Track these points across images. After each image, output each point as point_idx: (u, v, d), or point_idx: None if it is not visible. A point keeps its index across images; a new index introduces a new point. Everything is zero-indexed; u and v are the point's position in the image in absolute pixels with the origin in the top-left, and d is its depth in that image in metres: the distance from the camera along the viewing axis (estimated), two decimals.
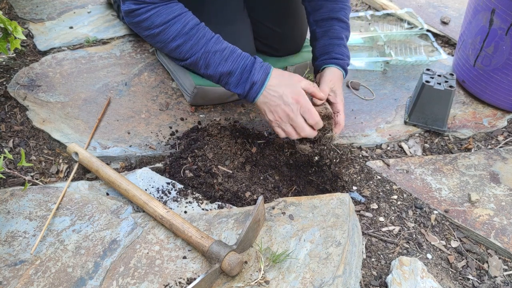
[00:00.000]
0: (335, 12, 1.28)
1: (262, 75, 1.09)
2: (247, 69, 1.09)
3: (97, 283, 0.95)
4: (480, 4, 1.48)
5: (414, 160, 1.37)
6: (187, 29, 1.07)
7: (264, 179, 1.24)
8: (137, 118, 1.42)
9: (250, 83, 1.09)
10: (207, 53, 1.08)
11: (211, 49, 1.08)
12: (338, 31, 1.28)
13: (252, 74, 1.08)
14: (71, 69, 1.60)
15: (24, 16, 1.88)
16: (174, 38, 1.07)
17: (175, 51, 1.10)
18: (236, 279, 0.96)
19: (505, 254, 1.13)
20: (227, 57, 1.08)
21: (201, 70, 1.11)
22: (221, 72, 1.10)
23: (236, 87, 1.11)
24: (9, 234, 1.04)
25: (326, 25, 1.29)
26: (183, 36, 1.07)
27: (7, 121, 1.37)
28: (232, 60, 1.09)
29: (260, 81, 1.08)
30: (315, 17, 1.31)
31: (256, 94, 1.10)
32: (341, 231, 1.06)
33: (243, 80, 1.09)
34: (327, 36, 1.28)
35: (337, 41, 1.27)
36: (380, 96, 1.62)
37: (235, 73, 1.09)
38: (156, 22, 1.06)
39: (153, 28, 1.07)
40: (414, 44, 1.89)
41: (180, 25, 1.06)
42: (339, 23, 1.29)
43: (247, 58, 1.10)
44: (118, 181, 1.12)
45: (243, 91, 1.11)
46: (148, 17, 1.06)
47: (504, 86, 1.50)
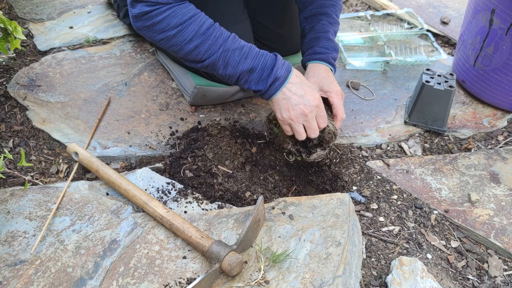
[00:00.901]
0: (324, 7, 1.29)
1: (285, 71, 1.08)
2: (268, 66, 1.07)
3: (97, 283, 0.95)
4: (480, 4, 1.48)
5: (414, 160, 1.37)
6: (204, 29, 1.04)
7: (264, 179, 1.24)
8: (137, 118, 1.42)
9: (273, 78, 1.07)
10: (226, 52, 1.06)
11: (230, 47, 1.06)
12: (325, 25, 1.27)
13: (276, 70, 1.07)
14: (71, 69, 1.60)
15: (24, 16, 1.88)
16: (191, 39, 1.04)
17: (192, 52, 1.06)
18: (236, 279, 0.96)
19: (505, 254, 1.13)
20: (247, 54, 1.07)
21: (220, 70, 1.09)
22: (241, 70, 1.07)
23: (257, 84, 1.09)
24: (9, 234, 1.04)
25: (313, 21, 1.29)
26: (201, 37, 1.04)
27: (7, 121, 1.37)
28: (252, 57, 1.07)
29: (283, 77, 1.08)
30: (305, 13, 1.32)
31: (277, 90, 1.09)
32: (341, 231, 1.06)
33: (264, 76, 1.08)
34: (313, 30, 1.28)
35: (321, 34, 1.26)
36: (380, 96, 1.62)
37: (256, 70, 1.07)
38: (172, 23, 1.02)
39: (168, 30, 1.03)
40: (414, 44, 1.89)
41: (196, 26, 1.04)
42: (327, 18, 1.28)
43: (267, 55, 1.09)
44: (118, 181, 1.12)
45: (264, 87, 1.09)
46: (164, 18, 1.02)
47: (504, 86, 1.50)
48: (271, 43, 1.54)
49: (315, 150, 1.19)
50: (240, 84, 1.12)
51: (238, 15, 1.38)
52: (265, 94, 1.11)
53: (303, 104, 1.08)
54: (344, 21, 2.03)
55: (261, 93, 1.11)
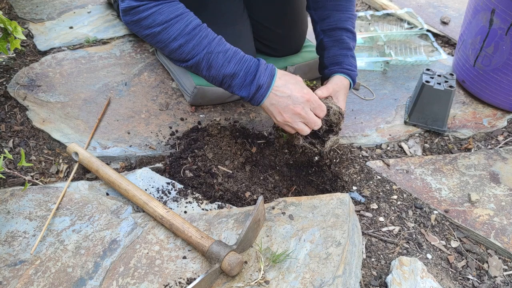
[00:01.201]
0: (342, 22, 1.29)
1: (267, 77, 1.07)
2: (251, 72, 1.07)
3: (97, 283, 0.95)
4: (480, 4, 1.48)
5: (414, 160, 1.37)
6: (189, 29, 1.04)
7: (264, 179, 1.24)
8: (137, 118, 1.42)
9: (256, 86, 1.06)
10: (209, 54, 1.05)
11: (214, 50, 1.05)
12: (347, 41, 1.29)
13: (258, 77, 1.06)
14: (71, 69, 1.60)
15: (24, 16, 1.88)
16: (175, 38, 1.04)
17: (177, 51, 1.06)
18: (236, 279, 0.96)
19: (505, 254, 1.13)
20: (230, 58, 1.06)
21: (203, 71, 1.08)
22: (224, 74, 1.07)
23: (240, 89, 1.09)
24: (9, 234, 1.04)
25: (334, 35, 1.29)
26: (185, 36, 1.04)
27: (7, 121, 1.37)
28: (236, 62, 1.06)
29: (266, 83, 1.07)
30: (323, 26, 1.31)
31: (263, 97, 1.08)
32: (341, 231, 1.06)
33: (247, 82, 1.07)
34: (337, 46, 1.28)
35: (347, 51, 1.28)
36: (380, 96, 1.62)
37: (238, 75, 1.07)
38: (158, 20, 1.02)
39: (154, 26, 1.03)
40: (414, 44, 1.89)
41: (182, 24, 1.04)
42: (347, 33, 1.29)
43: (250, 60, 1.08)
44: (118, 181, 1.12)
45: (248, 94, 1.08)
46: (150, 15, 1.02)
47: (504, 86, 1.50)
48: (271, 43, 1.54)
49: (327, 137, 1.18)
50: (224, 88, 1.11)
51: (238, 15, 1.38)
52: (251, 101, 1.10)
53: (292, 105, 1.07)
54: None
55: (247, 99, 1.10)
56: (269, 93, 1.08)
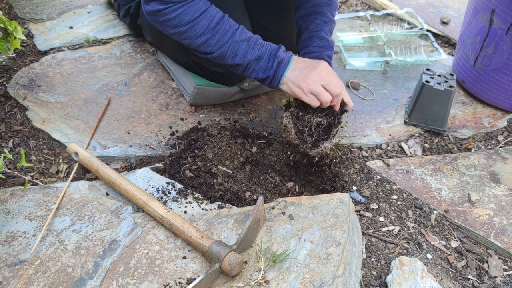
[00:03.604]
0: (319, 6, 1.32)
1: (287, 55, 1.16)
2: (273, 53, 1.14)
3: (97, 283, 0.95)
4: (480, 4, 1.48)
5: (414, 160, 1.37)
6: (214, 24, 1.10)
7: (264, 179, 1.24)
8: (137, 118, 1.42)
9: (277, 62, 1.14)
10: (234, 43, 1.12)
11: (238, 39, 1.13)
12: (319, 24, 1.30)
13: (279, 55, 1.14)
14: (71, 69, 1.60)
15: (24, 16, 1.88)
16: (202, 34, 1.11)
17: (203, 45, 1.13)
18: (236, 279, 0.96)
19: (505, 254, 1.13)
20: (254, 44, 1.14)
21: (229, 60, 1.15)
22: (249, 59, 1.14)
23: (264, 71, 1.16)
24: (9, 234, 1.04)
25: (308, 20, 1.32)
26: (211, 31, 1.11)
27: (7, 121, 1.37)
28: (259, 47, 1.14)
29: (286, 58, 1.15)
30: (300, 12, 1.35)
31: (284, 70, 1.15)
32: (341, 231, 1.06)
33: (270, 64, 1.15)
34: (308, 30, 1.31)
35: (315, 33, 1.29)
36: (380, 96, 1.62)
37: (263, 57, 1.14)
38: (185, 20, 1.08)
39: (181, 26, 1.09)
40: (414, 44, 1.89)
41: (207, 21, 1.10)
42: (322, 17, 1.32)
43: (271, 45, 1.16)
44: (118, 181, 1.12)
45: (271, 73, 1.15)
46: (176, 16, 1.08)
47: (504, 86, 1.50)
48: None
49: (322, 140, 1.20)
50: (247, 73, 1.17)
51: (238, 16, 1.38)
52: (273, 79, 1.16)
53: (314, 69, 1.13)
54: (344, 21, 2.03)
55: (270, 79, 1.16)
56: (289, 66, 1.15)
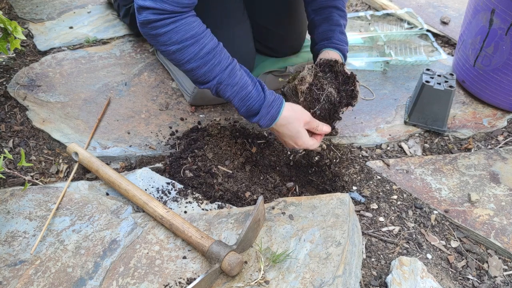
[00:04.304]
0: (332, 0, 1.31)
1: (268, 121, 1.11)
2: (252, 110, 1.10)
3: (97, 283, 0.95)
4: (480, 4, 1.48)
5: (414, 160, 1.37)
6: (203, 53, 1.05)
7: (264, 179, 1.24)
8: (137, 118, 1.42)
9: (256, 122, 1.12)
10: (219, 84, 1.08)
11: (223, 82, 1.08)
12: (337, 18, 1.30)
13: (258, 119, 1.10)
14: (71, 69, 1.60)
15: (24, 16, 1.88)
16: (189, 61, 1.05)
17: (190, 73, 1.09)
18: (236, 279, 0.96)
19: (505, 254, 1.12)
20: (236, 94, 1.09)
21: (214, 94, 1.13)
22: (232, 103, 1.12)
23: (247, 118, 1.14)
24: (9, 234, 1.04)
25: (324, 13, 1.31)
26: (199, 60, 1.05)
27: (7, 121, 1.37)
28: (240, 99, 1.09)
29: (265, 126, 1.12)
30: (313, 6, 1.33)
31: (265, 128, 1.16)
32: (341, 231, 1.06)
33: (249, 116, 1.12)
34: (327, 22, 1.30)
35: (336, 27, 1.29)
36: (380, 96, 1.62)
37: (241, 110, 1.11)
38: (173, 38, 1.02)
39: (169, 44, 1.03)
40: (414, 44, 1.89)
41: (197, 48, 1.04)
42: (337, 11, 1.31)
43: (254, 100, 1.09)
44: (118, 181, 1.12)
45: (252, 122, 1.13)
46: (166, 32, 1.01)
47: (504, 86, 1.50)
48: (271, 44, 1.54)
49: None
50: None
51: (238, 16, 1.38)
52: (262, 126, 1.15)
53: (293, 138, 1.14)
54: None
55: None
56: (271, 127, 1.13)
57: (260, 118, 1.10)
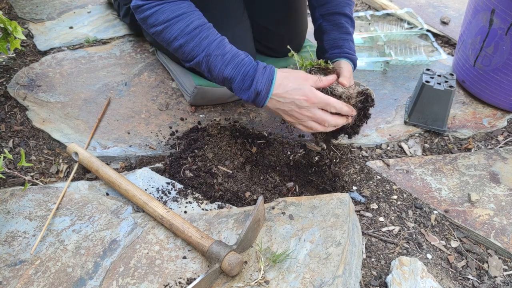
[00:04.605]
0: (341, 7, 1.31)
1: (266, 83, 1.05)
2: (248, 76, 1.05)
3: (97, 283, 0.95)
4: (480, 4, 1.48)
5: (414, 160, 1.37)
6: (190, 29, 1.05)
7: (264, 179, 1.24)
8: (137, 118, 1.42)
9: (254, 92, 1.06)
10: (208, 56, 1.05)
11: (213, 53, 1.05)
12: (346, 26, 1.30)
13: (256, 83, 1.05)
14: (71, 69, 1.60)
15: (24, 16, 1.88)
16: (176, 37, 1.06)
17: (178, 51, 1.08)
18: (236, 279, 0.96)
19: (505, 254, 1.13)
20: (228, 62, 1.06)
21: (205, 73, 1.10)
22: (223, 77, 1.07)
23: (240, 93, 1.08)
24: (9, 234, 1.04)
25: (333, 20, 1.30)
26: (185, 36, 1.05)
27: (7, 121, 1.37)
28: (233, 66, 1.05)
29: (264, 90, 1.05)
30: (321, 11, 1.32)
31: (263, 102, 1.07)
32: (341, 231, 1.06)
33: (245, 86, 1.06)
34: (337, 30, 1.29)
35: (346, 36, 1.29)
36: (380, 96, 1.62)
37: (236, 80, 1.06)
38: (160, 18, 1.05)
39: (157, 25, 1.07)
40: (414, 44, 1.89)
41: (183, 24, 1.05)
42: (345, 18, 1.31)
43: (248, 65, 1.06)
44: (118, 181, 1.12)
45: (248, 98, 1.08)
46: (153, 14, 1.06)
47: (504, 86, 1.50)
48: (271, 44, 1.54)
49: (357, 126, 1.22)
50: (227, 88, 1.12)
51: (238, 16, 1.38)
52: (254, 103, 1.09)
53: (297, 108, 1.06)
54: None
55: (248, 102, 1.10)
56: (269, 98, 1.07)
57: (257, 81, 1.04)
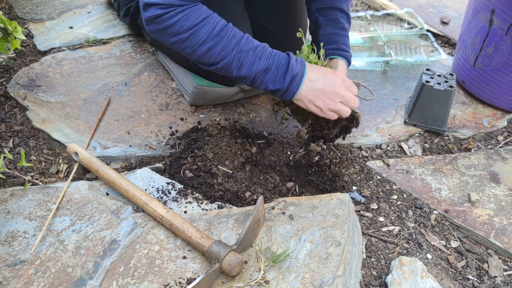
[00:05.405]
0: (338, 2, 1.31)
1: (300, 66, 1.09)
2: (282, 64, 1.08)
3: (97, 283, 0.95)
4: (480, 4, 1.48)
5: (414, 160, 1.37)
6: (217, 31, 1.04)
7: (264, 179, 1.24)
8: (137, 118, 1.42)
9: (290, 76, 1.07)
10: (239, 53, 1.05)
11: (244, 49, 1.06)
12: (342, 22, 1.30)
13: (291, 68, 1.07)
14: (71, 69, 1.60)
15: (24, 16, 1.88)
16: (204, 41, 1.04)
17: (206, 54, 1.06)
18: (236, 279, 0.96)
19: (505, 254, 1.12)
20: (261, 54, 1.07)
21: (234, 72, 1.09)
22: (256, 71, 1.08)
23: (274, 83, 1.09)
24: (9, 234, 1.04)
25: (329, 14, 1.30)
26: (214, 38, 1.04)
27: (7, 121, 1.37)
28: (266, 57, 1.07)
29: (300, 72, 1.08)
30: (318, 5, 1.33)
31: (298, 86, 1.09)
32: (341, 231, 1.06)
33: (280, 75, 1.08)
34: (332, 26, 1.30)
35: (342, 31, 1.30)
36: (380, 96, 1.62)
37: (271, 69, 1.08)
38: (185, 26, 1.02)
39: (182, 32, 1.03)
40: (414, 44, 1.89)
41: (209, 27, 1.03)
42: (342, 13, 1.31)
43: (280, 54, 1.09)
44: (118, 181, 1.12)
45: (282, 86, 1.09)
46: (177, 21, 1.02)
47: (504, 86, 1.50)
48: (271, 45, 1.53)
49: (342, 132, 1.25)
50: (256, 85, 1.12)
51: (238, 16, 1.38)
52: (285, 93, 1.10)
53: (330, 85, 1.09)
54: None
55: (281, 92, 1.10)
56: (303, 81, 1.09)
57: (293, 65, 1.07)
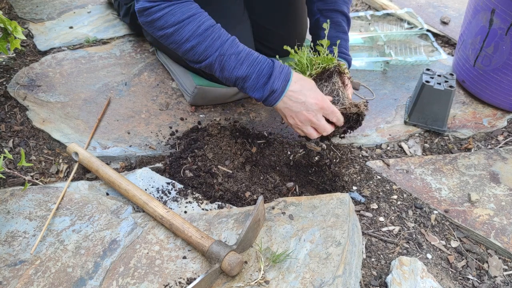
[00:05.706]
0: (340, 5, 1.32)
1: (282, 82, 1.06)
2: (263, 74, 1.06)
3: (97, 283, 0.95)
4: (480, 4, 1.48)
5: (414, 160, 1.37)
6: (202, 30, 1.04)
7: (264, 179, 1.24)
8: (137, 118, 1.42)
9: (269, 90, 1.06)
10: (222, 56, 1.05)
11: (226, 52, 1.05)
12: (344, 25, 1.32)
13: (272, 81, 1.05)
14: (71, 69, 1.60)
15: (24, 16, 1.88)
16: (188, 39, 1.04)
17: (190, 52, 1.06)
18: (236, 279, 0.96)
19: (505, 254, 1.13)
20: (243, 60, 1.05)
21: (217, 73, 1.09)
22: (236, 76, 1.07)
23: (253, 91, 1.08)
24: (9, 234, 1.04)
25: (331, 16, 1.31)
26: (197, 37, 1.04)
27: (7, 121, 1.37)
28: (248, 64, 1.05)
29: (280, 88, 1.06)
30: (320, 6, 1.33)
31: (276, 101, 1.08)
32: (341, 231, 1.06)
33: (259, 85, 1.07)
34: (334, 28, 1.31)
35: (343, 35, 1.31)
36: (380, 96, 1.62)
37: (251, 78, 1.06)
38: (170, 21, 1.03)
39: (166, 27, 1.04)
40: (414, 44, 1.89)
41: (194, 25, 1.03)
42: (343, 16, 1.32)
43: (264, 62, 1.07)
44: (118, 181, 1.12)
45: (261, 97, 1.08)
46: (162, 16, 1.02)
47: (504, 86, 1.50)
48: (271, 44, 1.54)
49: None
50: (238, 88, 1.12)
51: (238, 16, 1.38)
52: (264, 102, 1.10)
53: (305, 111, 1.08)
54: None
55: (261, 100, 1.10)
56: (282, 97, 1.08)
57: (274, 79, 1.04)
